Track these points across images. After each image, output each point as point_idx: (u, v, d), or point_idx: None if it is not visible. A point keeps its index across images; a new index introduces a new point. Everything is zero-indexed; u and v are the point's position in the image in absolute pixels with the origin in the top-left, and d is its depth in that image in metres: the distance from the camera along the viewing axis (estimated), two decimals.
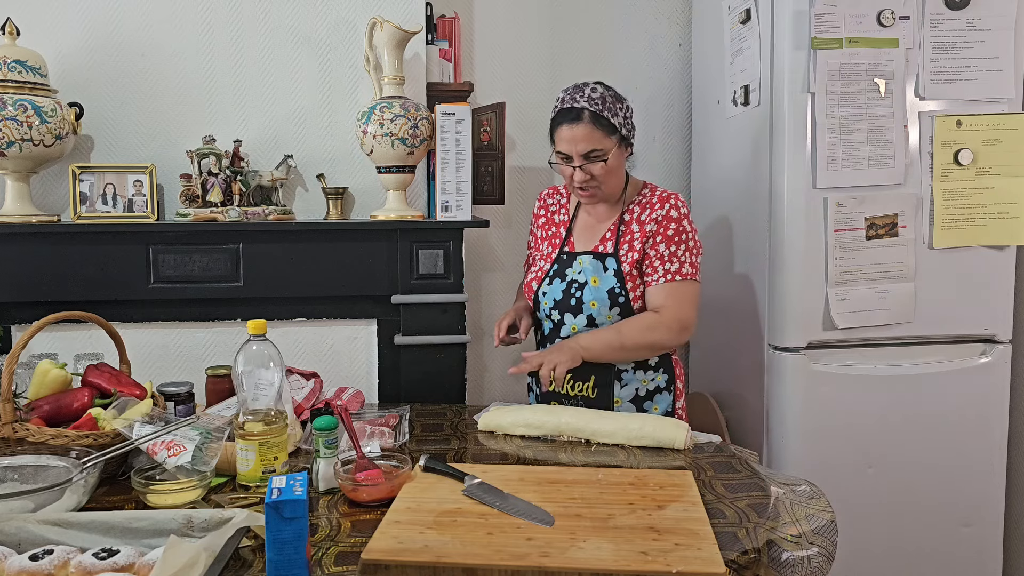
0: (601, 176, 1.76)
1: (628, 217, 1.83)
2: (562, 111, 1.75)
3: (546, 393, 1.81)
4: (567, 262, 1.85)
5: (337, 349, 2.10)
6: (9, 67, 1.83)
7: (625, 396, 1.83)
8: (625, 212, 1.84)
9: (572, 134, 1.72)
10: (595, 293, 1.78)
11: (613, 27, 2.65)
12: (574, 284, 1.81)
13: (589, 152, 1.73)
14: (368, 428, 1.61)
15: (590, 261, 1.81)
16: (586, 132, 1.72)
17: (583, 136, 1.72)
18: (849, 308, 2.00)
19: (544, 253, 1.91)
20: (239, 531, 1.10)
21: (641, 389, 1.83)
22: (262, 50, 2.10)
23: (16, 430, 1.34)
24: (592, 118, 1.72)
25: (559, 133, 1.75)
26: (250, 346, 1.40)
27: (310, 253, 2.01)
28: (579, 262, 1.82)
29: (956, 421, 2.07)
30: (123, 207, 1.99)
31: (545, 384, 1.66)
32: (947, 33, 2.00)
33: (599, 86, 1.76)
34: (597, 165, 1.74)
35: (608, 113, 1.73)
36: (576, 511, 1.23)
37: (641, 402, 1.84)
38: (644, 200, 1.83)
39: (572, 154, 1.74)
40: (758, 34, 2.08)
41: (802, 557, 1.19)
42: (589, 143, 1.72)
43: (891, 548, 2.08)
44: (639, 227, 1.80)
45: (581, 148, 1.73)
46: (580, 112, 1.72)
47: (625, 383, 1.82)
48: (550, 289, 1.84)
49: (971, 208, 2.03)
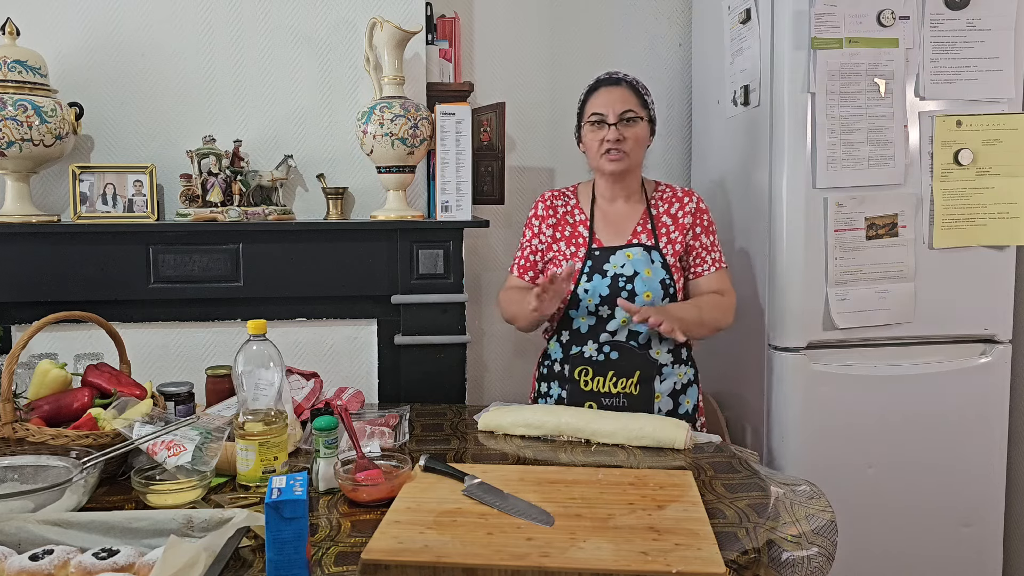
0: (631, 142, 1.81)
1: (656, 211, 1.88)
2: (599, 80, 1.87)
3: (582, 393, 1.79)
4: (602, 257, 1.84)
5: (337, 349, 2.10)
6: (9, 67, 1.83)
7: (664, 391, 1.85)
8: (651, 207, 1.88)
9: (610, 95, 1.82)
10: (648, 284, 1.80)
11: (613, 27, 2.65)
12: (620, 278, 1.81)
13: (625, 111, 1.80)
14: (368, 428, 1.61)
15: (640, 252, 1.82)
16: (624, 94, 1.82)
17: (621, 97, 1.82)
18: (849, 308, 2.00)
19: (566, 253, 1.89)
20: (239, 531, 1.10)
21: (678, 383, 1.87)
22: (262, 50, 2.10)
23: (16, 430, 1.34)
24: (630, 86, 1.85)
25: (596, 96, 1.84)
26: (250, 346, 1.40)
27: (310, 253, 2.01)
28: (625, 255, 1.83)
29: (956, 421, 2.07)
30: (123, 207, 1.99)
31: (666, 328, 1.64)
32: (947, 33, 2.00)
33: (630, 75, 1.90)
34: (631, 129, 1.81)
35: (642, 90, 1.86)
36: (576, 511, 1.23)
37: (677, 396, 1.87)
38: (666, 195, 1.91)
39: (609, 113, 1.80)
40: (758, 34, 2.08)
41: (802, 557, 1.19)
42: (626, 104, 1.81)
43: (891, 548, 2.08)
44: (672, 220, 1.88)
45: (618, 108, 1.81)
46: (619, 80, 1.86)
47: (664, 378, 1.84)
48: (592, 285, 1.82)
49: (971, 208, 2.03)
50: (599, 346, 1.82)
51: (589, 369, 1.80)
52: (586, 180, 2.00)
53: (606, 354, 1.81)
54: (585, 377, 1.80)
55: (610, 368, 1.79)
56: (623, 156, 1.82)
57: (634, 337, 1.82)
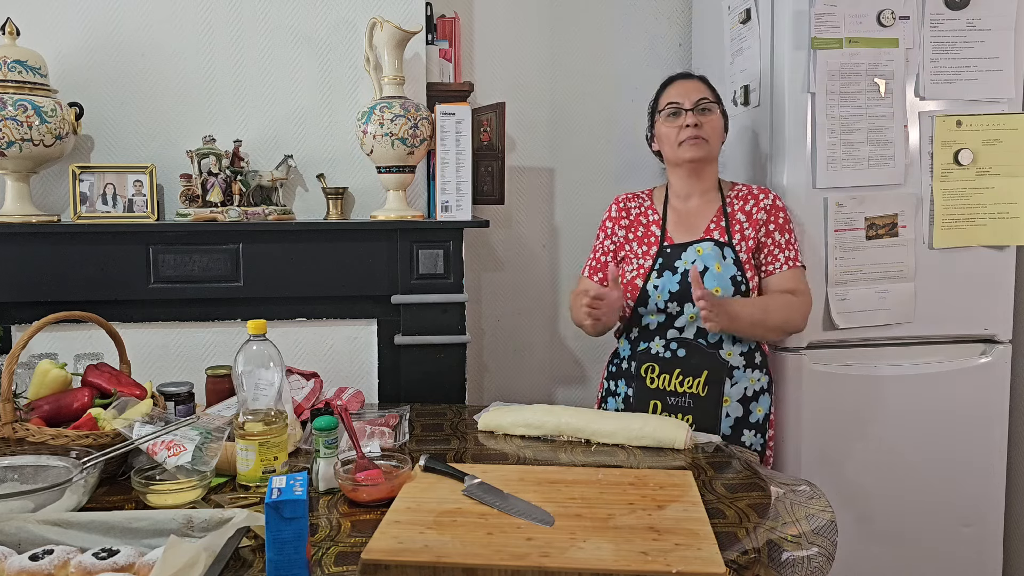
0: (708, 129, 1.82)
1: (731, 209, 1.86)
2: (672, 76, 1.92)
3: (648, 391, 1.78)
4: (673, 255, 1.82)
5: (337, 349, 2.10)
6: (9, 67, 1.83)
7: (734, 395, 1.80)
8: (726, 204, 1.86)
9: (686, 85, 1.87)
10: (718, 280, 1.76)
11: (613, 27, 2.65)
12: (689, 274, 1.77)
13: (701, 99, 1.83)
14: (368, 428, 1.61)
15: (711, 247, 1.80)
16: (698, 85, 1.87)
17: (695, 88, 1.86)
18: (849, 308, 2.00)
19: (638, 252, 1.87)
20: (239, 531, 1.10)
21: (749, 389, 1.82)
22: (262, 50, 2.10)
23: (16, 430, 1.34)
24: (702, 80, 1.90)
25: (672, 87, 1.88)
26: (250, 346, 1.40)
27: (310, 253, 2.01)
28: (695, 250, 1.80)
29: (956, 421, 2.07)
30: (123, 207, 1.99)
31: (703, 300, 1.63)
32: (947, 33, 2.00)
33: None
34: (707, 117, 1.83)
35: (714, 88, 1.91)
36: (576, 511, 1.23)
37: (748, 403, 1.82)
38: (742, 193, 1.89)
39: (684, 100, 1.83)
40: (758, 34, 2.08)
41: (802, 557, 1.19)
42: (701, 92, 1.85)
43: (891, 548, 2.08)
44: (746, 217, 1.85)
45: (694, 96, 1.84)
46: (692, 74, 1.92)
47: (735, 381, 1.80)
48: (661, 282, 1.80)
49: (971, 208, 2.03)
50: (666, 343, 1.80)
51: (656, 366, 1.79)
52: (660, 184, 1.99)
53: (673, 351, 1.79)
54: (652, 374, 1.79)
55: (677, 366, 1.77)
56: (702, 142, 1.81)
57: (703, 336, 1.79)
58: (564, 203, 2.66)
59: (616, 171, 2.65)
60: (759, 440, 1.83)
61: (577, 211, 2.64)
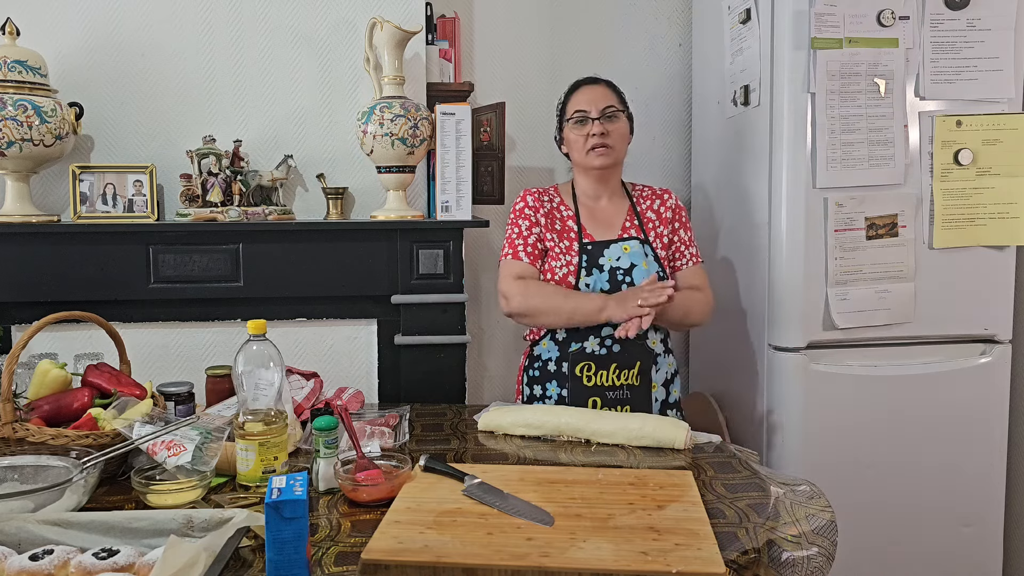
0: (615, 136, 1.86)
1: (640, 208, 1.93)
2: (579, 81, 1.94)
3: (585, 389, 1.81)
4: (595, 252, 1.86)
5: (337, 349, 2.10)
6: (9, 67, 1.83)
7: (659, 380, 1.88)
8: (635, 204, 1.93)
9: (592, 92, 1.89)
10: (647, 276, 1.82)
11: (613, 27, 2.65)
12: (618, 271, 1.84)
13: (607, 107, 1.86)
14: (368, 428, 1.61)
15: (637, 246, 1.85)
16: (605, 92, 1.90)
17: (602, 94, 1.89)
18: (849, 308, 2.00)
19: (562, 246, 1.88)
20: (239, 531, 1.10)
21: (668, 372, 1.91)
22: (262, 50, 2.10)
23: (16, 430, 1.34)
24: (608, 85, 1.93)
25: (578, 94, 1.91)
26: (250, 346, 1.40)
27: (310, 253, 2.01)
28: (622, 248, 1.85)
29: (956, 421, 2.07)
30: (123, 207, 1.99)
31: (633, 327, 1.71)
32: (947, 33, 2.00)
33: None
34: (614, 124, 1.86)
35: (620, 91, 1.93)
36: (576, 511, 1.23)
37: (668, 385, 1.91)
38: (645, 193, 1.97)
39: (591, 109, 1.86)
40: (758, 34, 2.08)
41: (802, 557, 1.19)
42: (607, 100, 1.88)
43: (891, 548, 2.08)
44: (656, 216, 1.93)
45: (600, 103, 1.86)
46: (598, 79, 1.94)
47: (659, 367, 1.88)
48: (592, 280, 1.84)
49: (971, 208, 2.03)
50: (601, 340, 1.83)
51: (592, 364, 1.81)
52: (564, 181, 2.04)
53: (609, 347, 1.83)
54: (588, 372, 1.81)
55: (613, 361, 1.81)
56: (609, 150, 1.85)
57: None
58: None
59: None
60: (678, 417, 1.92)
61: None
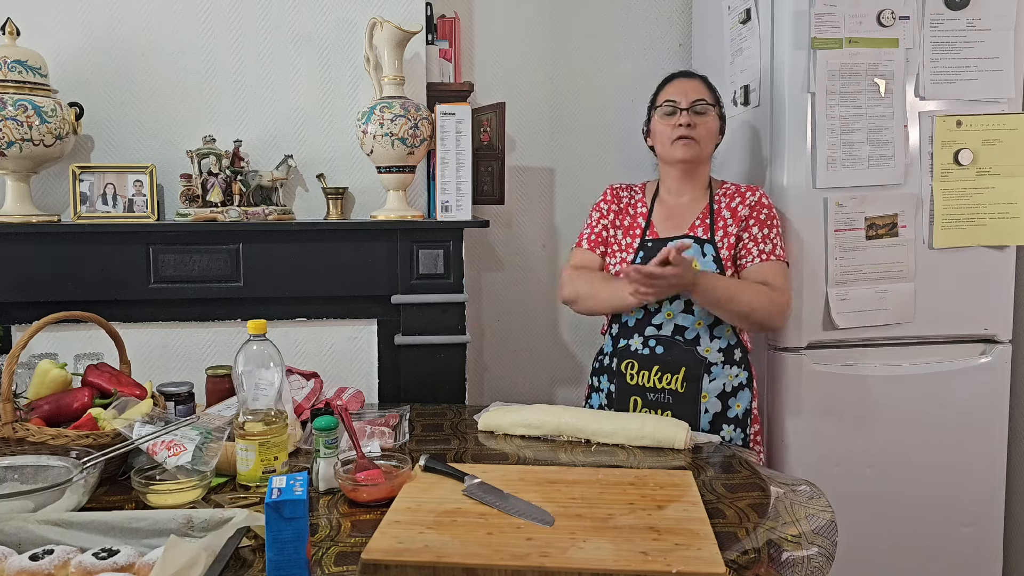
0: (702, 131, 1.82)
1: (717, 206, 1.86)
2: (675, 73, 1.93)
3: (628, 387, 1.79)
4: (654, 248, 1.79)
5: (337, 349, 2.10)
6: (9, 67, 1.83)
7: (712, 391, 1.79)
8: (713, 202, 1.87)
9: (685, 84, 1.87)
10: None
11: (613, 27, 2.64)
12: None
13: (697, 100, 1.83)
14: (368, 428, 1.61)
15: (691, 244, 1.79)
16: (697, 86, 1.87)
17: (694, 87, 1.86)
18: (849, 308, 2.00)
19: (622, 244, 1.89)
20: (239, 531, 1.10)
21: (727, 385, 1.81)
22: (262, 50, 2.10)
23: (16, 430, 1.34)
24: (703, 81, 1.90)
25: (671, 85, 1.88)
26: (250, 346, 1.40)
27: (310, 253, 2.01)
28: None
29: (956, 421, 2.07)
30: (123, 207, 1.99)
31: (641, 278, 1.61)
32: (947, 33, 2.00)
33: None
34: (702, 118, 1.82)
35: (715, 90, 1.90)
36: (576, 511, 1.23)
37: (726, 398, 1.81)
38: (730, 191, 1.89)
39: (681, 99, 1.83)
40: (758, 34, 2.08)
41: (802, 557, 1.19)
42: (699, 93, 1.85)
43: (891, 548, 2.08)
44: (731, 214, 1.85)
45: (691, 96, 1.83)
46: (693, 73, 1.92)
47: (713, 377, 1.80)
48: None
49: (971, 208, 2.03)
50: (645, 339, 1.81)
51: (635, 363, 1.80)
52: (653, 179, 1.99)
53: (652, 348, 1.80)
54: (631, 371, 1.81)
55: (655, 363, 1.78)
56: (692, 143, 1.81)
57: (680, 332, 1.80)
58: (564, 203, 2.66)
59: (616, 171, 2.65)
60: (739, 435, 1.83)
61: (577, 211, 2.64)
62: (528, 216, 2.65)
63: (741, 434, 1.83)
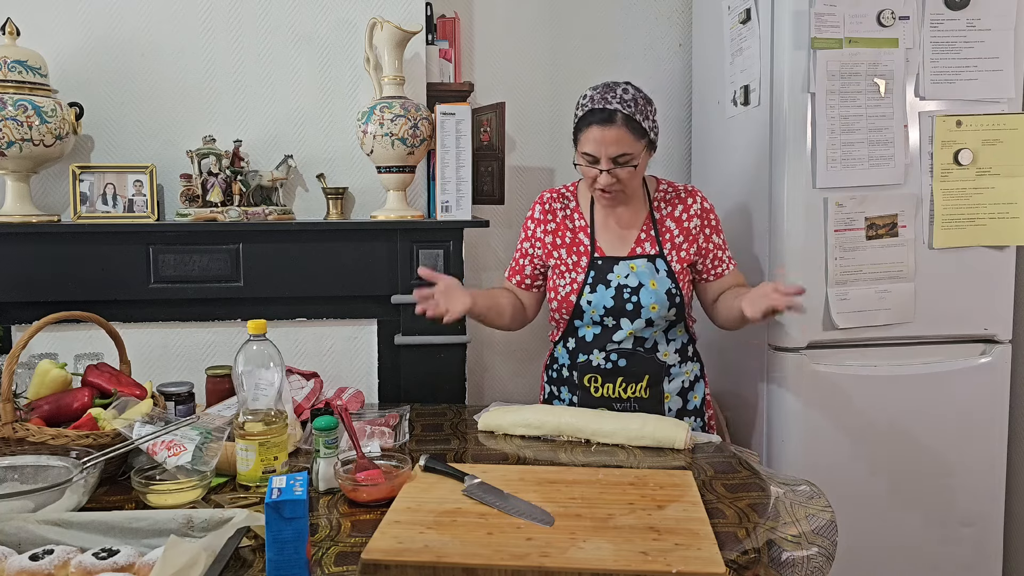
0: (627, 180, 1.72)
1: (659, 215, 1.83)
2: (593, 111, 1.68)
3: (594, 399, 1.80)
4: (605, 267, 1.79)
5: (337, 349, 2.10)
6: (9, 67, 1.83)
7: (673, 390, 1.83)
8: (654, 210, 1.83)
9: (603, 136, 1.67)
10: (654, 296, 1.75)
11: (613, 27, 2.64)
12: (625, 289, 1.76)
13: (619, 156, 1.68)
14: (368, 428, 1.61)
15: (644, 264, 1.78)
16: (618, 135, 1.66)
17: (614, 139, 1.66)
18: (849, 308, 2.00)
19: (569, 263, 1.83)
20: (239, 531, 1.10)
21: (685, 381, 1.85)
22: (262, 50, 2.10)
23: (16, 430, 1.34)
24: (625, 121, 1.67)
25: (588, 133, 1.68)
26: (250, 346, 1.40)
27: (310, 253, 2.01)
28: (629, 266, 1.78)
29: (956, 421, 2.07)
30: (123, 207, 1.99)
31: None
32: (947, 33, 2.00)
33: (630, 87, 1.72)
34: (625, 170, 1.70)
35: (640, 116, 1.69)
36: (576, 511, 1.23)
37: (685, 394, 1.86)
38: (668, 196, 1.85)
39: (600, 156, 1.68)
40: (758, 34, 2.08)
41: (802, 557, 1.19)
42: (620, 147, 1.67)
43: (891, 548, 2.08)
44: (676, 225, 1.82)
45: (611, 151, 1.67)
46: (613, 114, 1.66)
47: (672, 377, 1.83)
48: (596, 297, 1.77)
49: (971, 208, 2.03)
50: (606, 355, 1.80)
51: (598, 377, 1.80)
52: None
53: (614, 362, 1.80)
54: (595, 384, 1.80)
55: (619, 375, 1.79)
56: (617, 195, 1.75)
57: (641, 343, 1.80)
58: None
59: None
60: (698, 424, 1.88)
61: None
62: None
63: (700, 421, 1.89)
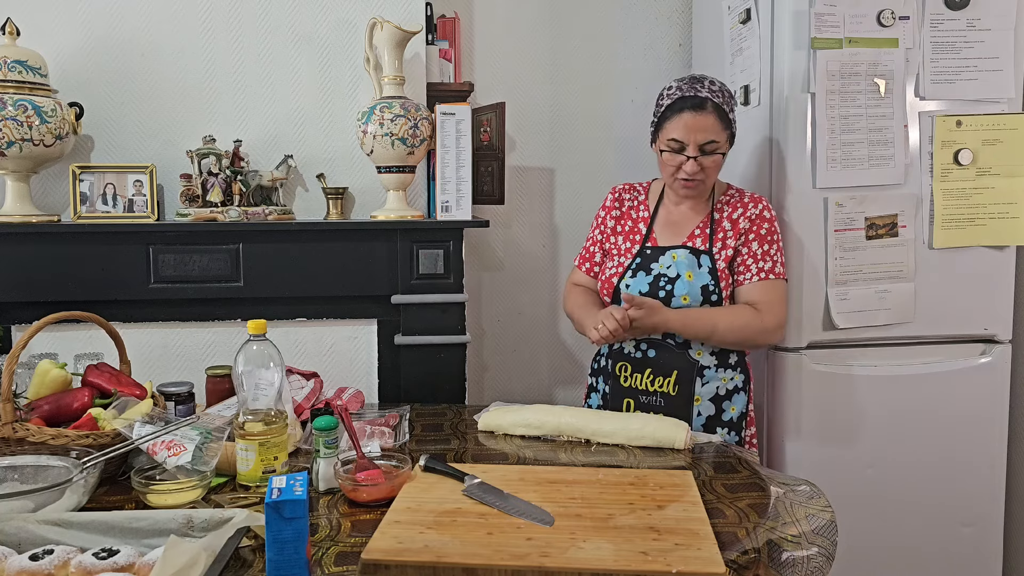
0: (710, 169, 1.72)
1: (719, 216, 1.81)
2: (684, 98, 1.70)
3: (622, 389, 1.81)
4: (651, 256, 1.80)
5: (337, 349, 2.10)
6: (9, 67, 1.83)
7: (705, 394, 1.79)
8: (715, 211, 1.82)
9: (696, 122, 1.68)
10: (688, 288, 1.75)
11: (613, 27, 2.65)
12: (662, 278, 1.77)
13: (706, 143, 1.69)
14: (368, 428, 1.61)
15: (685, 256, 1.77)
16: (710, 122, 1.68)
17: (706, 126, 1.68)
18: (849, 308, 2.00)
19: (621, 248, 1.87)
20: (239, 531, 1.10)
21: (721, 388, 1.80)
22: (262, 50, 2.10)
23: (16, 430, 1.34)
24: (716, 109, 1.69)
25: (678, 119, 1.69)
26: (250, 346, 1.40)
27: (310, 253, 2.01)
28: (671, 256, 1.78)
29: (956, 421, 2.07)
30: (123, 207, 1.99)
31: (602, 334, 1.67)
32: (947, 33, 2.00)
33: (716, 80, 1.75)
34: (711, 158, 1.71)
35: (726, 107, 1.71)
36: (576, 511, 1.23)
37: (720, 401, 1.80)
38: (734, 200, 1.83)
39: (688, 143, 1.69)
40: (758, 34, 2.08)
41: (802, 557, 1.19)
42: (708, 134, 1.68)
43: (891, 548, 2.08)
44: (732, 225, 1.80)
45: (700, 138, 1.68)
46: (704, 101, 1.68)
47: (707, 380, 1.79)
48: (634, 282, 1.79)
49: (971, 208, 2.03)
50: (637, 343, 1.81)
51: (628, 365, 1.81)
52: (660, 178, 1.92)
53: (644, 351, 1.80)
54: (624, 373, 1.81)
55: (648, 366, 1.79)
56: (699, 185, 1.74)
57: (672, 336, 1.78)
58: (564, 203, 2.66)
59: (615, 171, 2.65)
60: (733, 438, 1.82)
61: (577, 211, 2.64)
62: (528, 216, 2.65)
63: (736, 437, 1.83)
